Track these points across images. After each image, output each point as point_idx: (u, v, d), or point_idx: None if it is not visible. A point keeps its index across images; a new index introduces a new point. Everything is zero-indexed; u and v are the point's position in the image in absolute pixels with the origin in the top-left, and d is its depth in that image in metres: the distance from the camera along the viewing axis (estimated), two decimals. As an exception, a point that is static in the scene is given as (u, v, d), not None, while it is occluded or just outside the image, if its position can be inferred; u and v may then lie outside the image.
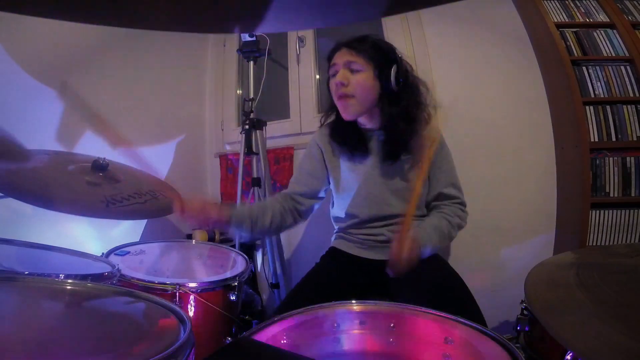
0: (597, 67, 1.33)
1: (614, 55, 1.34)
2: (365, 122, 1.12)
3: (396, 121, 1.04)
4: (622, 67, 1.32)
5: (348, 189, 1.15)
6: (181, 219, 0.95)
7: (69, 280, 0.70)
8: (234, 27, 0.30)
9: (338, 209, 1.20)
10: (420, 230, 0.98)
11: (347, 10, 0.22)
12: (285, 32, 2.04)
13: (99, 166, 1.09)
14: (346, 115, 1.06)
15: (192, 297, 0.96)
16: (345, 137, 1.13)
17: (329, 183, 1.21)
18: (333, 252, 1.20)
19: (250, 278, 1.89)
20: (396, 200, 1.10)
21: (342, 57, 1.03)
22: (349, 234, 1.18)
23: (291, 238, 1.96)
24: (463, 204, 1.12)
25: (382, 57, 1.04)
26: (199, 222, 0.95)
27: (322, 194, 1.21)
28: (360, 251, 1.14)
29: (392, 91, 1.03)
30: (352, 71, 1.02)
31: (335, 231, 1.26)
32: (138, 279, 0.94)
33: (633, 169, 1.26)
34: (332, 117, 1.18)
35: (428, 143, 0.77)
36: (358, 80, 1.01)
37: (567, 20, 1.41)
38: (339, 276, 1.09)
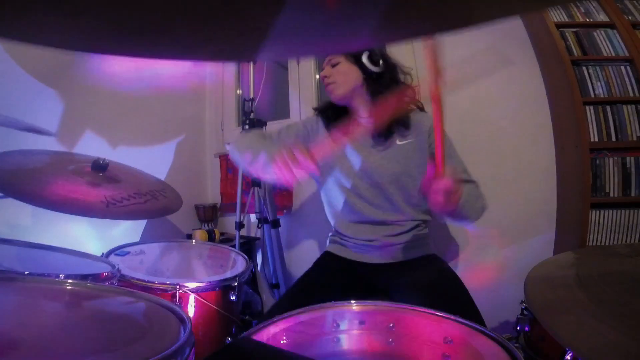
0: (597, 67, 1.33)
1: (614, 55, 1.34)
2: (356, 106, 1.14)
3: (382, 93, 1.10)
4: (622, 67, 1.32)
5: (346, 170, 1.14)
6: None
7: (69, 280, 0.70)
8: (232, 59, 0.31)
9: (335, 201, 1.19)
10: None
11: (346, 37, 0.22)
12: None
13: (99, 166, 1.09)
14: (332, 97, 1.16)
15: (192, 297, 0.96)
16: (338, 118, 1.18)
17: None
18: (327, 256, 1.19)
19: (250, 278, 1.89)
20: (394, 188, 1.10)
21: (327, 57, 1.20)
22: (344, 239, 1.17)
23: (291, 238, 1.96)
24: (479, 187, 1.06)
25: None
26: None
27: None
28: (355, 255, 1.14)
29: (375, 72, 1.12)
30: (332, 65, 1.16)
31: (330, 234, 1.24)
32: (138, 279, 0.94)
33: (633, 169, 1.26)
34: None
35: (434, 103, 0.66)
36: (337, 69, 1.15)
37: (567, 20, 1.41)
38: (333, 280, 1.08)
